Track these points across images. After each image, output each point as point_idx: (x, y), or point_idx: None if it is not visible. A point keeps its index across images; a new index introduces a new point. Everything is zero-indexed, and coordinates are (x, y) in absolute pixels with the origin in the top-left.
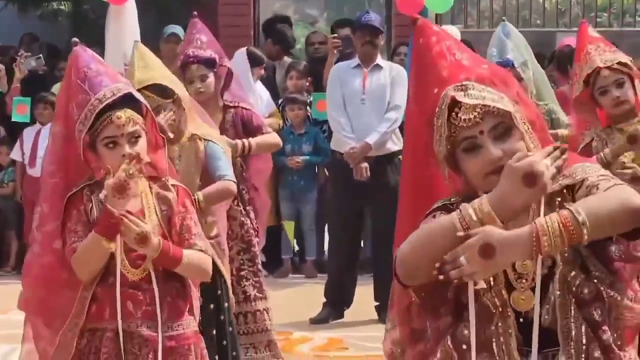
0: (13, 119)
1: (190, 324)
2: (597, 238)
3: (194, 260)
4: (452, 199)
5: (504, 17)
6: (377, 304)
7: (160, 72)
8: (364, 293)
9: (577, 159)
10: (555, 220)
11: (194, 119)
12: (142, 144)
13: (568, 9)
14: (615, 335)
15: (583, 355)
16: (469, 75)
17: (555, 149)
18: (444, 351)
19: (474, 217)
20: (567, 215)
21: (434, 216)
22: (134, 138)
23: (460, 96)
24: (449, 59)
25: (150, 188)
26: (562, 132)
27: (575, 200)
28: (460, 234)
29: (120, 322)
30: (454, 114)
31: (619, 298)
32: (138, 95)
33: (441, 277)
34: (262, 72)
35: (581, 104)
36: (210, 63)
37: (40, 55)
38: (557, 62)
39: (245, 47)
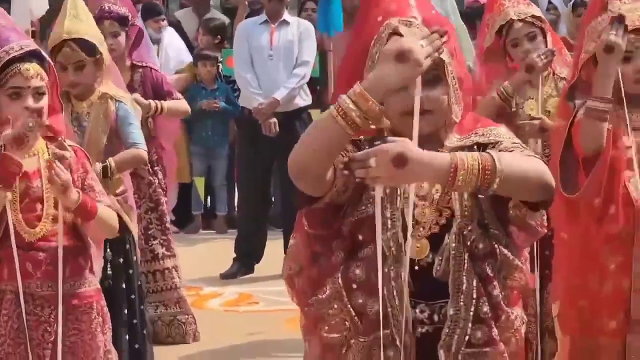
0: None
1: (91, 282)
2: (502, 194)
3: (104, 216)
4: (361, 137)
5: None
6: None
7: (88, 27)
8: (274, 248)
9: (490, 122)
10: (476, 159)
11: (106, 82)
12: (44, 101)
13: None
14: (503, 293)
15: (472, 309)
16: (418, 15)
17: (433, 32)
18: (333, 288)
19: (347, 100)
20: (488, 159)
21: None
22: (38, 94)
23: (403, 29)
24: None
25: (48, 148)
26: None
27: None
28: (340, 120)
29: (20, 283)
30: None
31: (511, 257)
32: (45, 55)
33: (346, 172)
34: (164, 23)
35: (492, 54)
36: (123, 20)
37: None
38: (466, 17)
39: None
